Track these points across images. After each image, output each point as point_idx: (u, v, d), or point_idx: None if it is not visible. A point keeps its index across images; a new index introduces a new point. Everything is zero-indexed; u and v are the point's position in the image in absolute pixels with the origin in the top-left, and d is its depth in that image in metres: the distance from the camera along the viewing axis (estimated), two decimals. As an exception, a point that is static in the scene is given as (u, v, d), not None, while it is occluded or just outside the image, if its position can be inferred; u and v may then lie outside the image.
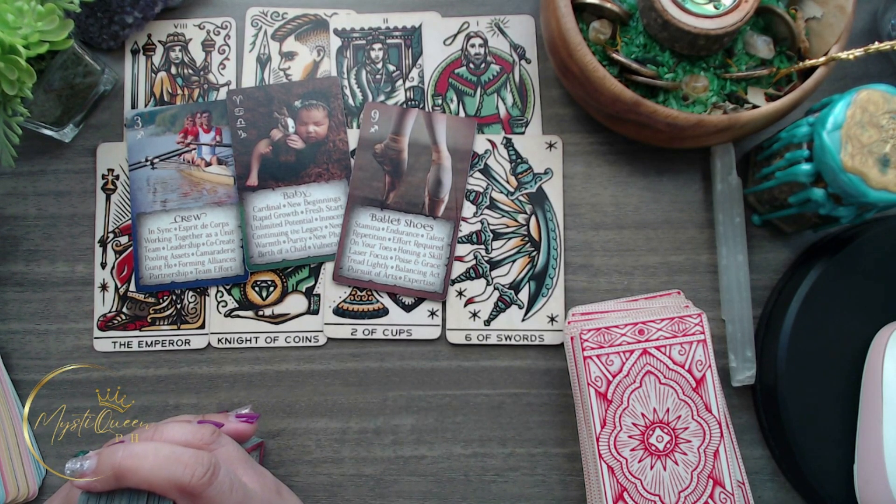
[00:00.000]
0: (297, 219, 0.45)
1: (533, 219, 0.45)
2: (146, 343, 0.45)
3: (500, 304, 0.45)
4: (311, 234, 0.45)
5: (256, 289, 0.45)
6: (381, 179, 0.46)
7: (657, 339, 0.39)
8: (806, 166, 0.38)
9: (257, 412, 0.41)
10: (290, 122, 0.46)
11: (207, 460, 0.32)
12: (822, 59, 0.39)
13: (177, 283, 0.45)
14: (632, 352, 0.39)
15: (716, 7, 0.39)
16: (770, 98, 0.41)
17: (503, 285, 0.45)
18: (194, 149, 0.46)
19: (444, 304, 0.45)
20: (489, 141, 0.46)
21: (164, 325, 0.45)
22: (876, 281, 0.42)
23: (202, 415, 0.40)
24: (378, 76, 0.47)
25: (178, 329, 0.45)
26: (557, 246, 0.45)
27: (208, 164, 0.46)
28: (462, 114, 0.46)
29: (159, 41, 0.47)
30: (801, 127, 0.38)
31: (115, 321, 0.45)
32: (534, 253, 0.45)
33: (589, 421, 0.39)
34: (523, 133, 0.46)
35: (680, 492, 0.38)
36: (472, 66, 0.47)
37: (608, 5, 0.40)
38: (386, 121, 0.46)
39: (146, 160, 0.46)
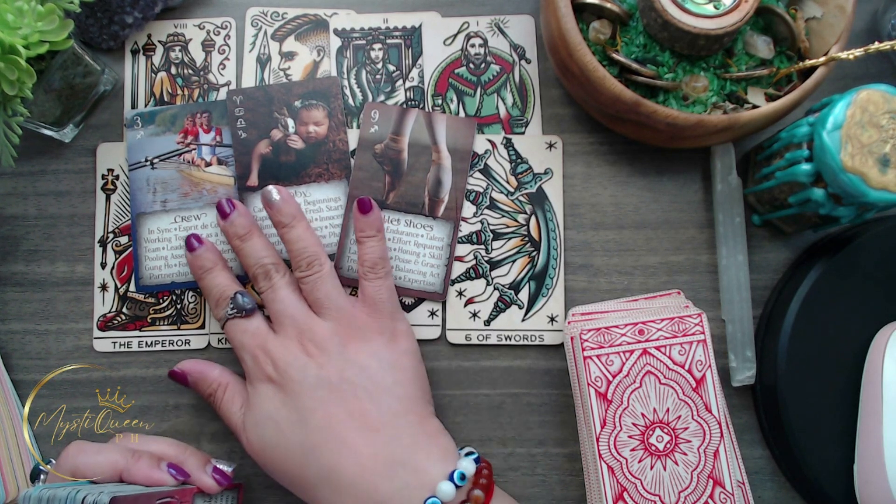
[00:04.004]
0: None
1: (533, 219, 0.45)
2: (146, 343, 0.45)
3: (500, 304, 0.45)
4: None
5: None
6: (380, 180, 0.46)
7: (657, 339, 0.39)
8: (806, 166, 0.38)
9: (236, 477, 0.42)
10: (291, 122, 0.46)
11: None
12: (822, 59, 0.39)
13: (177, 284, 0.45)
14: (632, 352, 0.39)
15: (716, 7, 0.39)
16: (770, 98, 0.41)
17: (503, 285, 0.45)
18: (194, 149, 0.46)
19: (444, 304, 0.45)
20: (489, 141, 0.46)
21: (164, 325, 0.45)
22: (876, 281, 0.42)
23: (185, 447, 0.40)
24: (378, 76, 0.47)
25: (178, 329, 0.45)
26: (557, 246, 0.45)
27: (208, 165, 0.46)
28: (462, 114, 0.46)
29: (159, 41, 0.47)
30: (801, 127, 0.38)
31: (115, 321, 0.45)
32: (534, 253, 0.45)
33: (589, 421, 0.39)
34: (523, 133, 0.46)
35: (680, 492, 0.38)
36: (472, 66, 0.47)
37: (608, 5, 0.40)
38: (386, 121, 0.46)
39: (146, 160, 0.46)
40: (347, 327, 0.40)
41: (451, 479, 0.36)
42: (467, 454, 0.38)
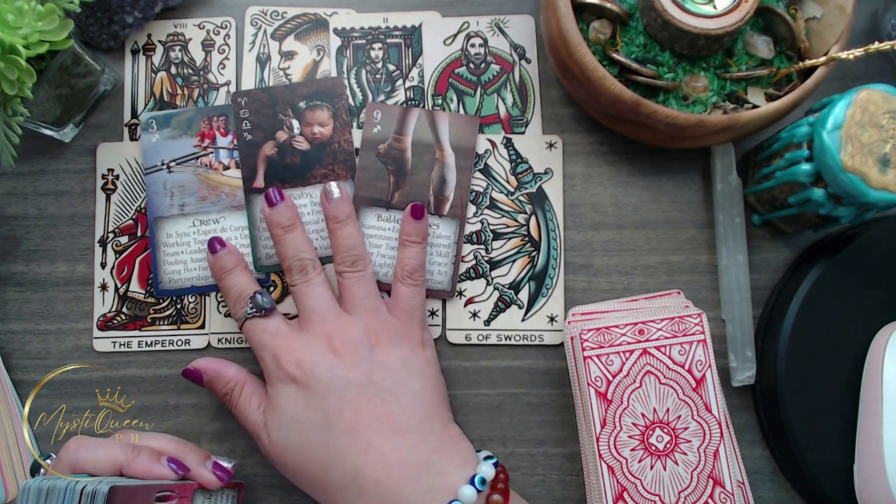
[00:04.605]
0: (304, 220, 0.45)
1: (533, 219, 0.45)
2: (146, 343, 0.45)
3: (500, 304, 0.45)
4: (317, 236, 0.45)
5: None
6: (385, 179, 0.45)
7: (657, 339, 0.39)
8: (806, 166, 0.38)
9: (237, 469, 0.42)
10: (295, 123, 0.46)
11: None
12: (822, 59, 0.39)
13: (197, 288, 0.45)
14: (632, 352, 0.39)
15: (716, 7, 0.39)
16: (770, 98, 0.41)
17: (503, 285, 0.45)
18: (211, 152, 0.46)
19: (444, 303, 0.45)
20: (489, 141, 0.46)
21: (163, 325, 0.45)
22: (876, 281, 0.42)
23: (185, 443, 0.40)
24: (378, 76, 0.47)
25: (178, 329, 0.45)
26: (557, 246, 0.45)
27: (226, 168, 0.46)
28: (462, 113, 0.46)
29: (159, 41, 0.47)
30: (801, 127, 0.38)
31: (115, 321, 0.45)
32: (534, 253, 0.45)
33: (589, 421, 0.39)
34: (523, 133, 0.46)
35: (680, 492, 0.38)
36: (472, 65, 0.47)
37: (608, 5, 0.40)
38: (388, 121, 0.46)
39: (162, 163, 0.46)
40: (378, 330, 0.40)
41: (472, 483, 0.36)
42: (486, 458, 0.39)
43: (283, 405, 0.38)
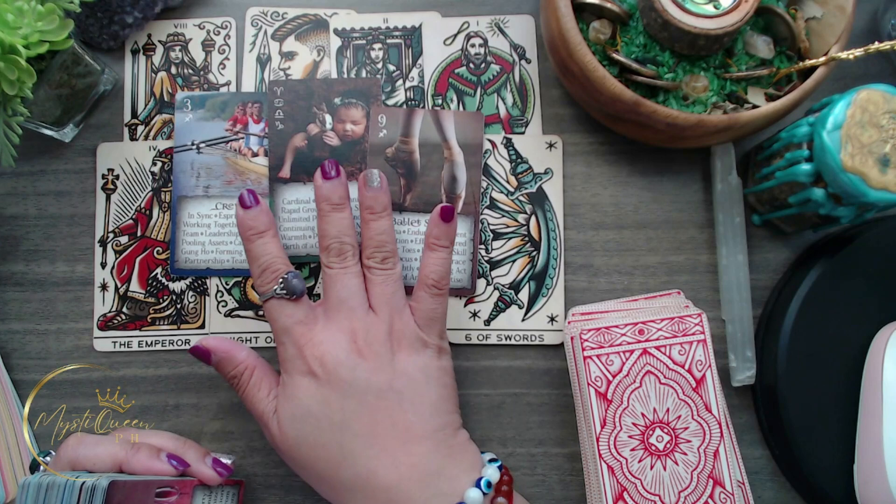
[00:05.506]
0: None
1: (533, 219, 0.45)
2: (146, 343, 0.45)
3: (500, 303, 0.45)
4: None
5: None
6: (396, 183, 0.45)
7: (657, 339, 0.39)
8: (806, 166, 0.38)
9: (237, 469, 0.42)
10: (328, 118, 0.46)
11: None
12: (822, 59, 0.39)
13: (212, 270, 0.45)
14: (632, 352, 0.39)
15: (716, 7, 0.39)
16: (770, 98, 0.41)
17: (503, 285, 0.45)
18: (242, 138, 0.46)
19: (444, 304, 0.45)
20: (489, 141, 0.46)
21: (163, 324, 0.45)
22: (876, 281, 0.42)
23: (185, 440, 0.41)
24: (378, 76, 0.47)
25: (178, 329, 0.45)
26: (557, 246, 0.45)
27: (255, 155, 0.46)
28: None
29: (159, 41, 0.47)
30: (801, 127, 0.38)
31: (115, 321, 0.45)
32: (534, 253, 0.45)
33: (589, 421, 0.39)
34: (523, 133, 0.46)
35: (680, 492, 0.38)
36: (472, 65, 0.47)
37: (608, 5, 0.40)
38: (393, 124, 0.46)
39: (192, 143, 0.46)
40: (400, 333, 0.39)
41: (478, 486, 0.37)
42: (490, 461, 0.39)
43: (300, 397, 0.38)
